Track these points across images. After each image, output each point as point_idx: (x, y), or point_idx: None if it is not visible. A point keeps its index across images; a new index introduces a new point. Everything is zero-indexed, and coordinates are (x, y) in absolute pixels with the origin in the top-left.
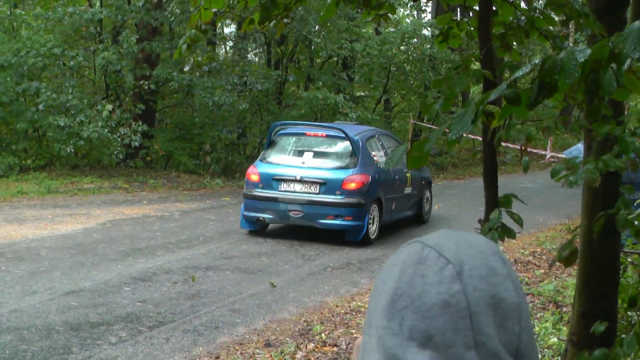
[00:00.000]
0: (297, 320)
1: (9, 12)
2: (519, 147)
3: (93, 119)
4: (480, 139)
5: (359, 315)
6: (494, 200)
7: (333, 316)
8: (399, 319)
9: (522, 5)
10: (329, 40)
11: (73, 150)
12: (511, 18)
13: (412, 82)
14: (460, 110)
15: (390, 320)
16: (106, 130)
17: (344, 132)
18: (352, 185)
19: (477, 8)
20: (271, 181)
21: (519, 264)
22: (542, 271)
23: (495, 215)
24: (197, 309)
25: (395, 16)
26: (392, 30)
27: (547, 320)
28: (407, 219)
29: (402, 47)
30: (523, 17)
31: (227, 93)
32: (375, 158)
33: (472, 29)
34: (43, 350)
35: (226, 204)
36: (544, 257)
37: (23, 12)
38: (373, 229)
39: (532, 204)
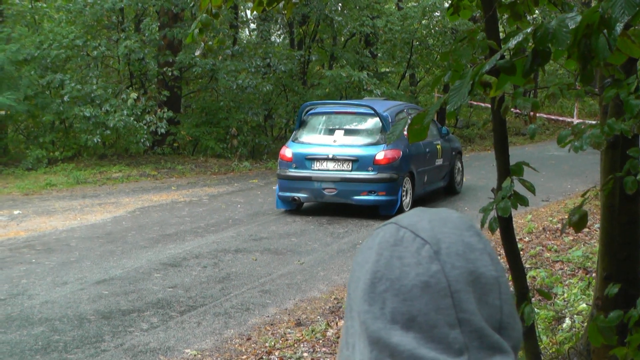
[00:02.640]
0: (328, 298)
1: (30, 6)
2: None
3: (118, 108)
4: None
5: None
6: (505, 168)
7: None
8: (380, 302)
9: None
10: (350, 17)
11: (100, 140)
12: None
13: (435, 56)
14: (457, 82)
15: (372, 304)
16: (132, 118)
17: (372, 108)
18: (384, 161)
19: None
20: (304, 161)
21: (548, 232)
22: (571, 238)
23: (507, 183)
24: (227, 292)
25: None
26: (414, 4)
27: (576, 287)
28: (439, 190)
29: (423, 22)
30: None
31: (251, 75)
32: (405, 133)
33: None
34: (75, 339)
35: (254, 186)
36: None
37: (44, 5)
38: (406, 202)
39: (560, 171)
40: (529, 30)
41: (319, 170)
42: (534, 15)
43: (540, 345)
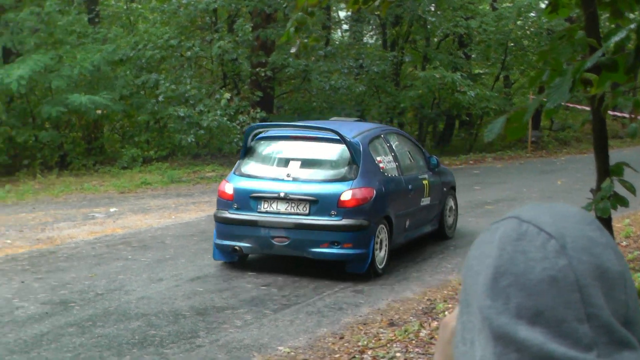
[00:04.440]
0: (420, 299)
1: (125, 7)
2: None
3: (212, 108)
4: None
5: None
6: (605, 169)
7: (456, 294)
8: (503, 297)
9: None
10: (444, 18)
11: (194, 140)
12: None
13: (530, 57)
14: (557, 80)
15: (495, 299)
16: (225, 118)
17: (338, 133)
18: (352, 202)
19: None
20: (248, 200)
21: None
22: None
23: (607, 184)
24: (320, 291)
25: None
26: (508, 5)
27: None
28: (425, 236)
29: (518, 22)
30: None
31: (343, 76)
32: (381, 164)
33: None
34: (171, 334)
35: None
36: None
37: (139, 6)
38: (381, 255)
39: None
40: (632, 26)
41: (267, 212)
42: (636, 13)
43: None
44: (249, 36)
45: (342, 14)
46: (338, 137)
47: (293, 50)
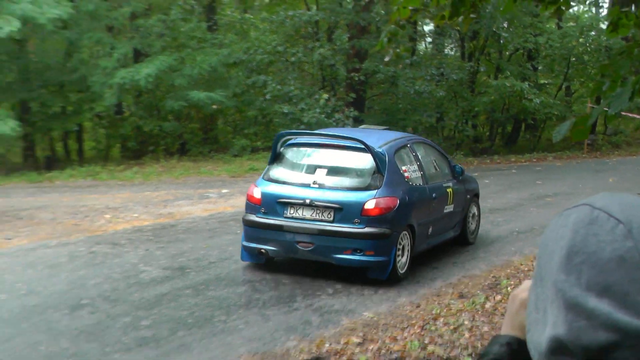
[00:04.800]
0: (487, 276)
1: (239, 17)
2: None
3: (312, 107)
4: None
5: None
6: None
7: (518, 272)
8: (576, 273)
9: None
10: (515, 35)
11: None
12: None
13: (590, 71)
14: (618, 89)
15: (568, 274)
16: (323, 116)
17: (363, 142)
18: (376, 211)
19: None
20: (275, 205)
21: None
22: None
23: None
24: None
25: (573, 11)
26: (572, 24)
27: None
28: (448, 241)
29: (580, 40)
30: None
31: (426, 83)
32: (406, 174)
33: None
34: (272, 298)
35: None
36: None
37: (251, 17)
38: (402, 261)
39: None
40: None
41: (292, 218)
42: None
43: None
44: (345, 45)
45: (427, 28)
46: (364, 147)
47: (387, 58)
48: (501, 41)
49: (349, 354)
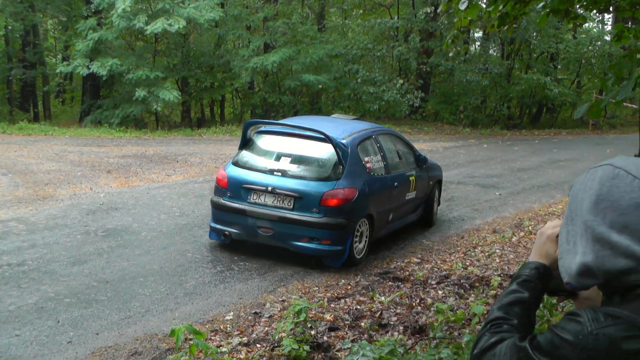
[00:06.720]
0: (514, 218)
1: (341, 22)
2: None
3: (390, 89)
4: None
5: (553, 217)
6: None
7: (537, 216)
8: (602, 215)
9: None
10: (542, 42)
11: (378, 108)
12: None
13: (596, 70)
14: (624, 82)
15: (596, 215)
16: (398, 95)
17: (325, 135)
18: (334, 202)
19: None
20: (240, 190)
21: None
22: None
23: None
24: (451, 208)
25: (585, 26)
26: (584, 36)
27: None
28: (409, 225)
29: (590, 47)
30: None
31: (475, 74)
32: (368, 165)
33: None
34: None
35: (472, 144)
36: None
37: (350, 22)
38: (360, 247)
39: None
40: None
41: (255, 204)
42: None
43: None
44: (417, 45)
45: (476, 34)
46: (326, 138)
47: (451, 54)
48: (531, 46)
49: (410, 270)
